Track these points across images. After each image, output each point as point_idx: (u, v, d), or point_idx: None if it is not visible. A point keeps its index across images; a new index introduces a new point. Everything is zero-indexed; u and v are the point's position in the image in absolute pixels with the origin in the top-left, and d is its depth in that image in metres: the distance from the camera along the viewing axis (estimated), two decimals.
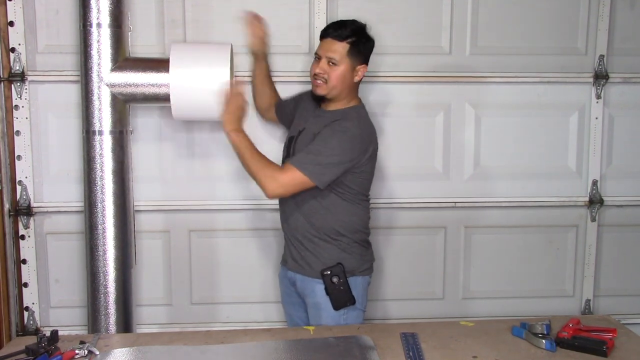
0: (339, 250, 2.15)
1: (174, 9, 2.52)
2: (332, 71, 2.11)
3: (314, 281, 2.14)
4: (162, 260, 2.66)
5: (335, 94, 2.15)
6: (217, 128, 2.57)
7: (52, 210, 2.57)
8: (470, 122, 2.67)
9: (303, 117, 2.26)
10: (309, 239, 2.15)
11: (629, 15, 2.67)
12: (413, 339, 1.82)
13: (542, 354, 1.74)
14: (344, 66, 2.11)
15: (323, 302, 2.12)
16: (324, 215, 2.13)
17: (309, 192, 2.09)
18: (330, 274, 2.10)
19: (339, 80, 2.12)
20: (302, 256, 2.17)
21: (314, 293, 2.15)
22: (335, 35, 2.11)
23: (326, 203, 2.12)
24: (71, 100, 2.50)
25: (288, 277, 2.26)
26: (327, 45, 2.13)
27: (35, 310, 2.61)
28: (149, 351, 1.75)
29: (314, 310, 2.16)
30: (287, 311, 2.35)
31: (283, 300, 2.37)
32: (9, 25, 2.46)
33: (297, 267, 2.20)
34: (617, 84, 2.70)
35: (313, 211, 2.13)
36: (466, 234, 2.75)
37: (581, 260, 2.79)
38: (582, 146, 2.73)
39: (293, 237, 2.20)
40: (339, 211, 2.13)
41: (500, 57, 2.64)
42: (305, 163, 2.03)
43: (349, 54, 2.11)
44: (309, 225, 2.14)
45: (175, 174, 2.61)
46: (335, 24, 2.17)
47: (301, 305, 2.27)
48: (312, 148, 2.05)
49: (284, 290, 2.33)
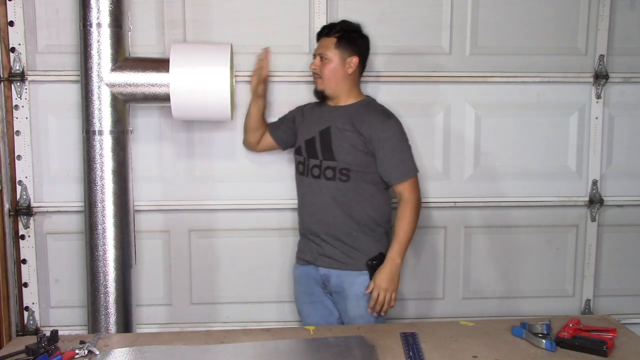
0: (375, 241, 2.26)
1: (174, 9, 2.52)
2: (323, 66, 2.26)
3: (355, 273, 2.23)
4: (162, 260, 2.66)
5: (332, 87, 2.27)
6: (217, 128, 2.58)
7: (52, 210, 2.57)
8: (470, 122, 2.67)
9: (316, 120, 2.31)
10: (348, 234, 2.23)
11: (629, 15, 2.67)
12: (413, 339, 1.82)
13: (542, 354, 1.74)
14: (335, 59, 2.24)
15: (364, 291, 2.20)
16: (364, 206, 2.24)
17: (347, 187, 2.21)
18: (376, 264, 2.20)
19: (331, 74, 2.25)
20: (342, 252, 2.24)
21: (355, 285, 2.22)
22: (325, 33, 2.28)
23: (366, 194, 2.24)
24: (71, 100, 2.50)
25: (319, 274, 2.28)
26: (319, 43, 2.30)
27: (35, 310, 2.61)
28: (149, 351, 1.75)
29: (354, 301, 2.23)
30: (305, 311, 2.36)
31: (300, 300, 2.37)
32: (9, 25, 2.46)
33: (334, 263, 2.25)
34: (617, 83, 2.70)
35: (353, 204, 2.23)
36: (466, 234, 2.75)
37: (581, 260, 2.79)
38: (582, 146, 2.72)
39: (328, 235, 2.25)
40: (375, 201, 2.26)
41: (500, 57, 2.64)
42: (410, 168, 2.24)
43: (336, 46, 2.25)
44: (349, 219, 2.23)
45: (175, 174, 2.61)
46: (328, 24, 2.33)
47: (323, 304, 2.30)
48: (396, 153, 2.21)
49: (303, 290, 2.35)
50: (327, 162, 2.23)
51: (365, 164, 2.22)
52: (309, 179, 2.28)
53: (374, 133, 2.20)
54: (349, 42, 2.25)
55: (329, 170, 2.23)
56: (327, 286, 2.28)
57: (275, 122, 2.50)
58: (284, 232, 2.64)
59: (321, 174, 2.25)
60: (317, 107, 2.38)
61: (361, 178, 2.22)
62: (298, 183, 2.37)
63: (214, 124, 2.56)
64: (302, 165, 2.32)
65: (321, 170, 2.25)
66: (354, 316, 2.23)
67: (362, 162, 2.21)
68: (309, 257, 2.31)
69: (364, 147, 2.20)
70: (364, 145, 2.20)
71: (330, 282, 2.26)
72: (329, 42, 2.25)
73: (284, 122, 2.46)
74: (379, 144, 2.20)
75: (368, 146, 2.20)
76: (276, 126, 2.48)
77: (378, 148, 2.20)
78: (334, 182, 2.23)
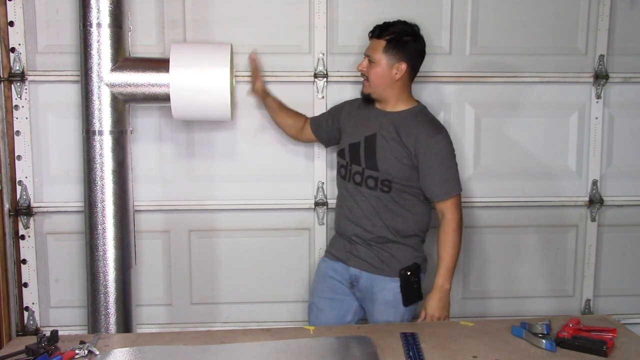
0: (412, 249, 2.25)
1: (174, 9, 2.52)
2: (370, 69, 2.18)
3: (387, 279, 2.21)
4: (162, 260, 2.66)
5: (379, 92, 2.21)
6: (217, 128, 2.58)
7: (52, 210, 2.57)
8: (470, 122, 2.67)
9: (363, 123, 2.26)
10: (385, 242, 2.22)
11: (629, 15, 2.67)
12: (413, 339, 1.82)
13: (542, 354, 1.74)
14: (382, 63, 2.16)
15: (395, 299, 2.20)
16: (404, 217, 2.21)
17: (389, 197, 2.19)
18: (410, 274, 2.19)
19: (377, 78, 2.17)
20: (377, 257, 2.23)
21: (385, 291, 2.21)
22: (376, 35, 2.19)
23: (407, 205, 2.21)
24: (71, 100, 2.50)
25: (349, 274, 2.27)
26: (370, 44, 2.22)
27: (35, 310, 2.61)
28: (149, 351, 1.75)
29: (382, 307, 2.22)
30: (321, 304, 2.33)
31: (319, 294, 2.34)
32: (9, 25, 2.46)
33: (367, 266, 2.24)
34: (617, 83, 2.70)
35: (395, 216, 2.21)
36: (466, 234, 2.73)
37: (581, 260, 2.79)
38: (582, 146, 2.72)
39: (364, 240, 2.23)
40: (418, 212, 2.23)
41: (500, 57, 2.64)
42: (454, 186, 2.18)
43: (384, 51, 2.15)
44: (387, 230, 2.21)
45: (175, 174, 2.61)
46: (382, 24, 2.22)
47: (343, 302, 2.30)
48: (442, 170, 2.15)
49: (327, 285, 2.33)
50: (369, 172, 2.20)
51: (408, 177, 2.17)
52: (350, 184, 2.26)
53: (420, 147, 2.13)
54: (399, 47, 2.15)
55: (370, 179, 2.20)
56: (354, 286, 2.27)
57: (318, 119, 2.46)
58: (285, 232, 2.65)
59: (363, 181, 2.22)
60: (365, 107, 2.30)
61: (403, 190, 2.19)
62: (339, 185, 2.35)
63: (214, 124, 2.56)
64: (344, 169, 2.28)
65: (363, 178, 2.22)
66: (379, 320, 2.21)
67: (405, 175, 2.17)
68: (342, 255, 2.30)
69: (408, 160, 2.15)
70: (409, 159, 2.15)
71: (360, 283, 2.25)
72: (378, 44, 2.16)
73: (327, 121, 2.42)
74: (424, 158, 2.14)
75: (413, 160, 2.15)
76: (319, 124, 2.45)
77: (423, 163, 2.14)
78: (375, 191, 2.20)
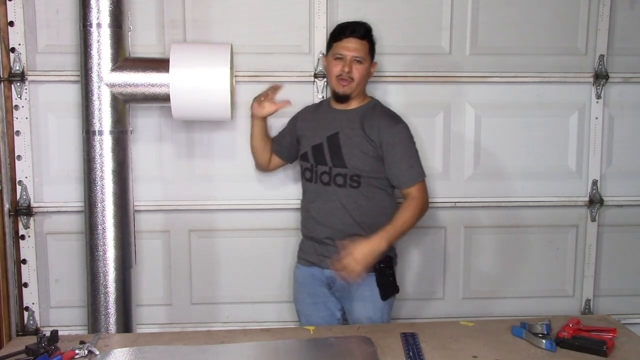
0: None
1: (174, 9, 2.52)
2: (357, 69, 2.20)
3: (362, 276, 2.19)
4: (162, 260, 2.66)
5: (358, 91, 2.24)
6: (217, 128, 2.58)
7: (52, 210, 2.57)
8: (470, 122, 2.67)
9: (322, 124, 2.27)
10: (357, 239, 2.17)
11: (629, 15, 2.67)
12: (413, 339, 1.82)
13: (542, 354, 1.74)
14: (367, 64, 2.22)
15: (372, 294, 2.21)
16: (373, 211, 2.22)
17: (358, 193, 2.19)
18: (384, 266, 2.18)
19: (363, 78, 2.23)
20: None
21: (362, 287, 2.20)
22: (358, 35, 2.20)
23: (375, 199, 2.23)
24: (71, 100, 2.50)
25: (325, 276, 2.26)
26: (350, 44, 2.19)
27: (35, 310, 2.61)
28: (149, 351, 1.75)
29: (360, 304, 2.23)
30: (306, 312, 2.34)
31: (302, 301, 2.35)
32: (9, 25, 2.46)
33: None
34: (617, 84, 2.70)
35: (363, 210, 2.21)
36: (466, 234, 2.75)
37: (581, 260, 2.79)
38: (582, 146, 2.72)
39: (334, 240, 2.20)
40: (386, 205, 2.24)
41: (500, 57, 2.64)
42: (419, 172, 2.21)
43: (369, 51, 2.23)
44: (358, 227, 2.21)
45: (175, 174, 2.61)
46: (352, 24, 2.23)
47: (326, 305, 2.29)
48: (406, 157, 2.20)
49: (306, 291, 2.33)
50: (337, 169, 2.21)
51: (375, 169, 2.20)
52: (317, 185, 2.26)
53: (384, 137, 2.18)
54: (373, 47, 2.26)
55: (339, 177, 2.21)
56: (332, 287, 2.28)
57: (275, 139, 2.47)
58: (284, 232, 2.64)
59: (331, 180, 2.22)
60: (320, 110, 2.34)
61: (371, 183, 2.21)
62: (305, 189, 2.34)
63: (214, 124, 2.56)
64: (310, 172, 2.28)
65: (331, 177, 2.22)
66: (360, 317, 2.22)
67: (372, 167, 2.20)
68: (314, 258, 2.29)
69: (374, 152, 2.19)
70: (374, 151, 2.19)
71: (337, 283, 2.24)
72: (363, 45, 2.20)
73: (284, 137, 2.44)
74: (388, 148, 2.18)
75: (378, 150, 2.19)
76: (277, 142, 2.46)
77: (387, 153, 2.18)
78: (345, 188, 2.21)
